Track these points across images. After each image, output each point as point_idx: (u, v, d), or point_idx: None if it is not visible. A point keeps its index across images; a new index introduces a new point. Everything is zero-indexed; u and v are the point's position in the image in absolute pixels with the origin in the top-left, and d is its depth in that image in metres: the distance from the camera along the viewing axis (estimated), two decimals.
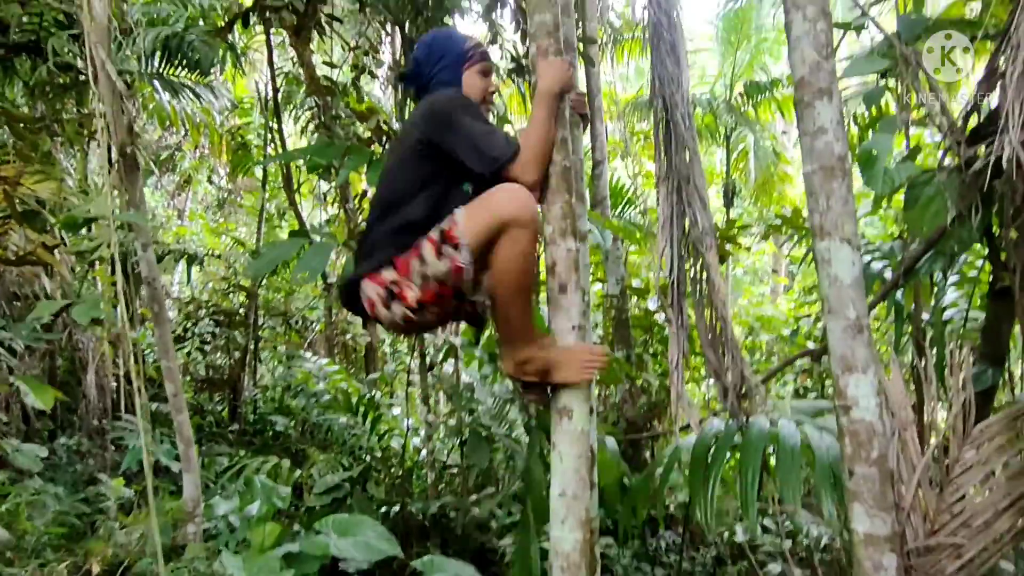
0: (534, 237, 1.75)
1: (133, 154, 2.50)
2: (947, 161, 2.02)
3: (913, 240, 2.28)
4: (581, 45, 4.75)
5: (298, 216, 5.05)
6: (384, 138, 4.47)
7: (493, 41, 4.92)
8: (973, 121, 2.05)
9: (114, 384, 5.47)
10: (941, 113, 2.05)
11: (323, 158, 3.50)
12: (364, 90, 5.48)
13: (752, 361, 7.64)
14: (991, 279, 2.14)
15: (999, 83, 1.64)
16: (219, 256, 6.33)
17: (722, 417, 2.50)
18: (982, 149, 1.91)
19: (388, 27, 4.76)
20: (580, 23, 4.86)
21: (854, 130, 4.18)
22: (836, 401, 1.89)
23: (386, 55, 5.13)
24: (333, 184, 4.46)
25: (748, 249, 5.21)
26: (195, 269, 6.28)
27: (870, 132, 3.12)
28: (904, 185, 2.01)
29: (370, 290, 1.85)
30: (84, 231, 3.63)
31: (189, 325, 5.76)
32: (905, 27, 2.64)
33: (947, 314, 2.54)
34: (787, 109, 7.98)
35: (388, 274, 1.82)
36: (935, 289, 2.39)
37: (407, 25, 3.88)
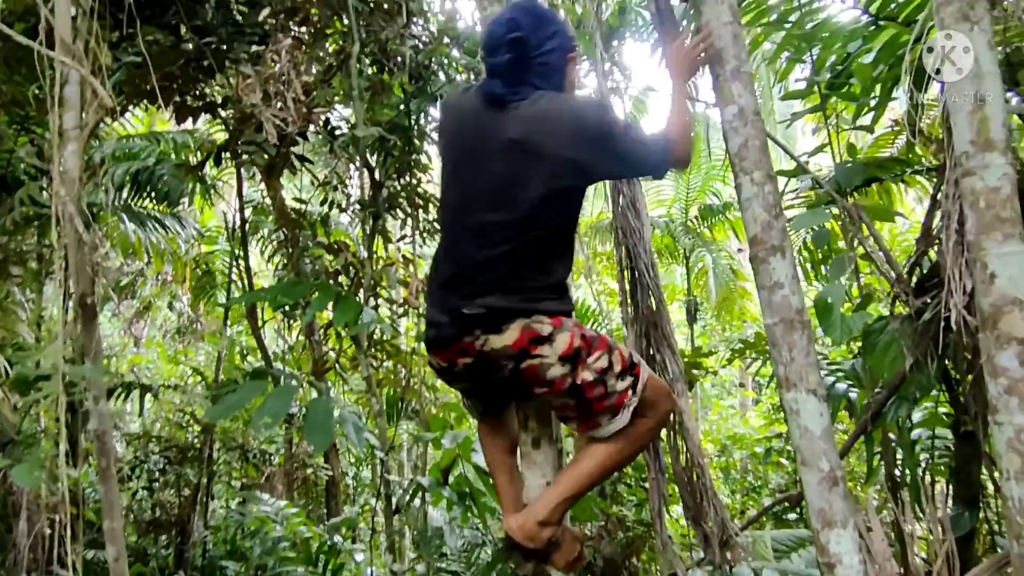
0: (655, 436, 1.87)
1: (93, 304, 2.44)
2: (899, 309, 2.12)
3: (876, 385, 2.35)
4: None
5: (262, 349, 4.96)
6: (352, 272, 4.51)
7: None
8: (922, 268, 2.16)
9: (48, 531, 5.04)
10: (886, 262, 2.16)
11: (289, 298, 3.49)
12: (333, 219, 5.60)
13: (727, 480, 7.52)
14: (954, 422, 2.19)
15: (936, 244, 1.74)
16: (175, 387, 6.10)
17: (704, 570, 2.40)
18: (930, 299, 2.00)
19: (357, 162, 4.95)
20: None
21: (804, 254, 4.39)
22: (819, 557, 1.84)
23: (354, 189, 5.29)
24: (299, 320, 4.43)
25: (715, 373, 5.27)
26: (149, 400, 6.02)
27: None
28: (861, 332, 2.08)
29: (541, 327, 1.65)
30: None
31: (138, 462, 5.44)
32: (843, 176, 2.85)
33: (921, 456, 2.57)
34: (740, 230, 8.42)
35: (574, 330, 1.68)
36: (902, 433, 2.43)
37: (375, 167, 4.03)
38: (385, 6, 4.54)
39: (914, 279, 2.16)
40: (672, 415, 1.84)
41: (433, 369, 1.91)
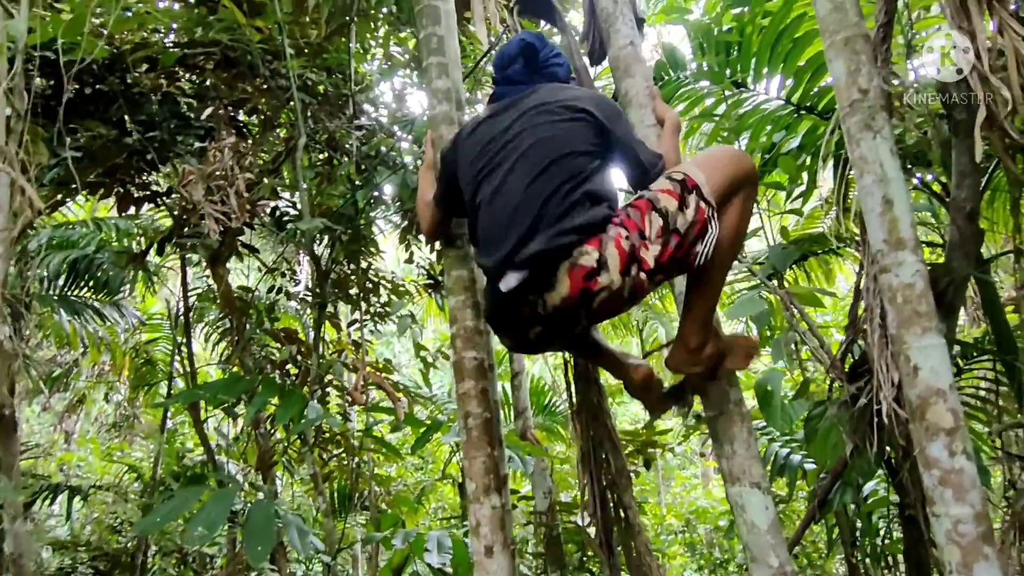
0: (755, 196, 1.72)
1: (12, 416, 2.30)
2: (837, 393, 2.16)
3: (821, 471, 2.37)
4: None
5: (204, 443, 4.72)
6: (300, 361, 4.39)
7: (409, 260, 5.16)
8: (853, 354, 2.23)
9: None
10: (821, 348, 2.22)
11: (230, 394, 3.36)
12: (282, 305, 5.50)
13: (694, 556, 7.38)
14: (899, 505, 2.22)
15: (863, 333, 1.80)
16: (108, 488, 5.72)
17: None
18: (864, 384, 2.05)
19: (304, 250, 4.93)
20: None
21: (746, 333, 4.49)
22: None
23: (303, 275, 5.24)
24: (242, 414, 4.26)
25: (672, 450, 5.27)
26: (78, 503, 5.61)
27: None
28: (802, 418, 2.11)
29: (586, 258, 1.55)
30: None
31: (63, 574, 5.00)
32: (777, 258, 2.96)
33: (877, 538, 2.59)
34: None
35: (617, 232, 1.56)
36: (849, 519, 2.45)
37: (321, 256, 4.01)
38: (333, 98, 4.65)
39: (849, 361, 2.22)
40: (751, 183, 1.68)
41: (507, 348, 1.88)
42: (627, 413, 10.51)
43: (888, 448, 2.02)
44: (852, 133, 1.72)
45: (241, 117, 5.08)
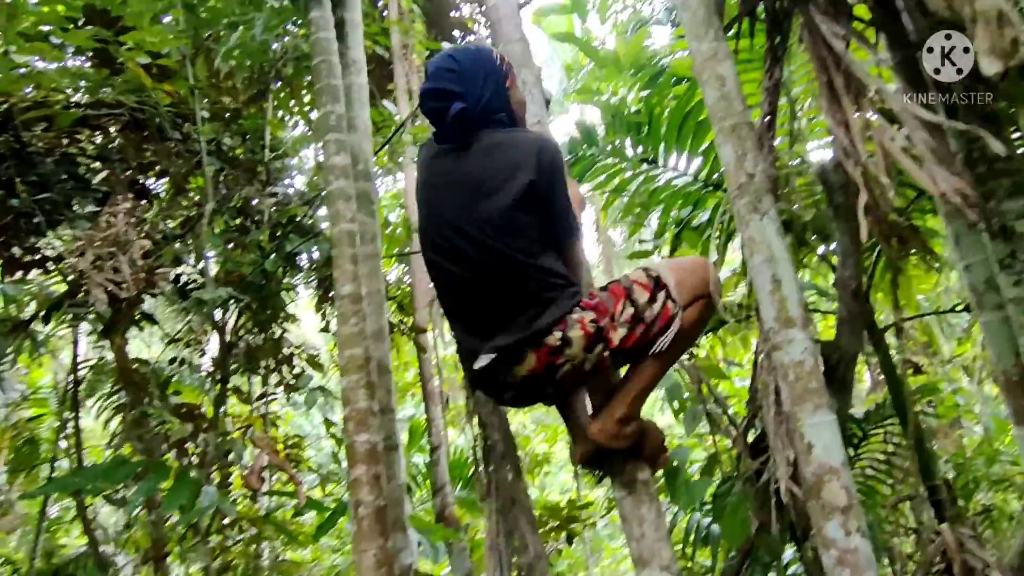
0: (711, 313, 1.78)
1: None
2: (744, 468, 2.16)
3: (731, 548, 2.35)
4: (412, 334, 4.95)
5: (88, 532, 4.26)
6: (201, 439, 4.09)
7: (324, 329, 4.97)
8: (756, 428, 2.25)
9: None
10: (729, 423, 2.22)
11: (115, 480, 3.06)
12: (184, 377, 5.15)
13: None
14: None
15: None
16: None
17: None
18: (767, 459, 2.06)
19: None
20: (412, 313, 5.12)
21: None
22: None
23: (210, 346, 4.95)
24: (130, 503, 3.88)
25: (594, 524, 5.15)
26: None
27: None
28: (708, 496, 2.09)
29: (551, 339, 1.66)
30: None
31: None
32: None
33: None
34: None
35: (582, 316, 1.68)
36: None
37: (226, 326, 3.80)
38: (248, 164, 4.55)
39: (752, 435, 2.23)
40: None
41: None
42: (555, 483, 10.32)
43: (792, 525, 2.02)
44: (741, 215, 1.78)
45: (149, 181, 4.89)
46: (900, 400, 2.81)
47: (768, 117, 1.96)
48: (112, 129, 4.56)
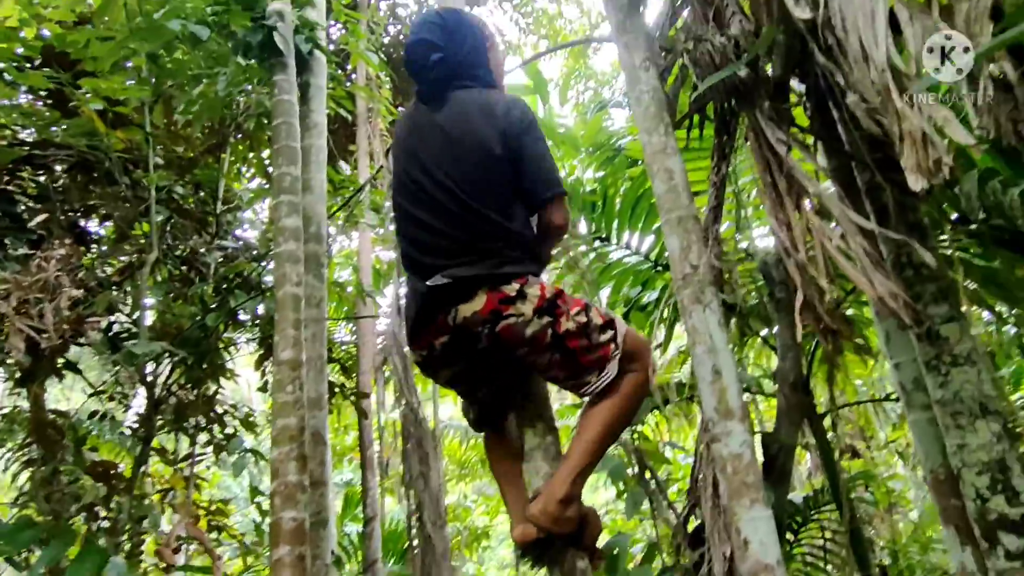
0: (645, 393, 1.76)
1: None
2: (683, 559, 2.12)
3: None
4: (354, 397, 4.81)
5: None
6: (115, 504, 3.80)
7: (263, 388, 4.79)
8: (696, 517, 2.22)
9: None
10: (668, 508, 2.19)
11: (15, 546, 2.79)
12: (104, 433, 4.84)
13: None
14: None
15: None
16: None
17: None
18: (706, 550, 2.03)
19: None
20: (355, 376, 4.99)
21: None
22: None
23: (136, 400, 4.69)
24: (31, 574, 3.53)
25: None
26: None
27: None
28: None
29: (508, 288, 1.67)
30: None
31: None
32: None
33: None
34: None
35: (542, 283, 1.70)
36: None
37: (158, 383, 3.62)
38: (198, 214, 4.45)
39: (692, 524, 2.21)
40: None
41: (418, 367, 1.88)
42: (495, 557, 9.96)
43: None
44: (685, 304, 1.82)
45: (92, 224, 4.72)
46: (837, 487, 2.84)
47: (714, 211, 2.04)
48: (58, 168, 4.43)
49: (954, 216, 3.08)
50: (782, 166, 1.84)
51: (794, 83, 2.18)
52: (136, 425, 3.89)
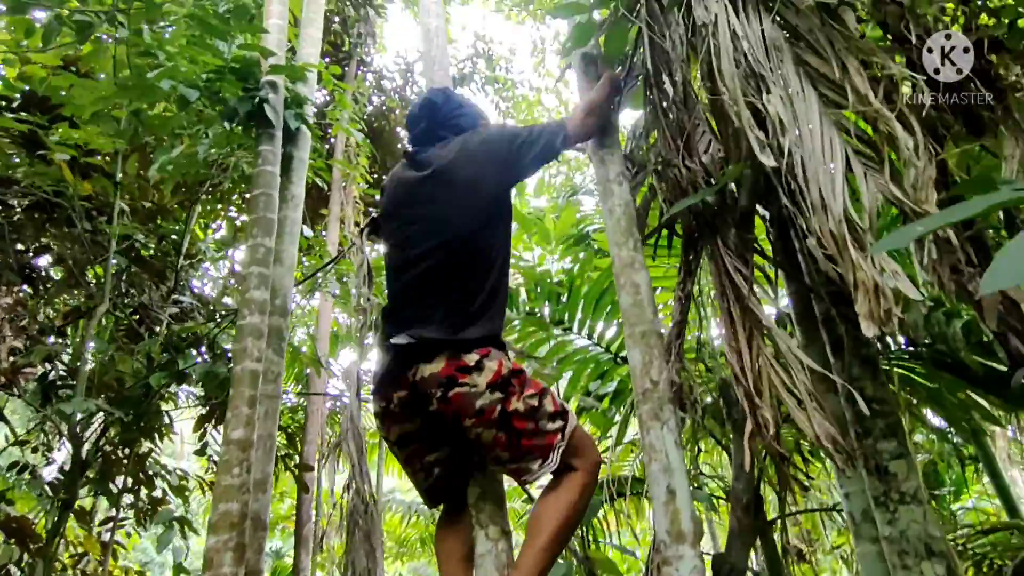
0: (591, 494, 1.75)
1: None
2: None
3: None
4: (298, 471, 4.62)
5: None
6: (25, 568, 3.50)
7: (200, 452, 4.57)
8: None
9: None
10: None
11: None
12: (21, 487, 4.50)
13: None
14: None
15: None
16: None
17: None
18: None
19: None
20: (302, 446, 4.81)
21: None
22: None
23: (60, 454, 4.41)
24: None
25: None
26: None
27: None
28: None
29: (468, 357, 1.72)
30: None
31: None
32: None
33: None
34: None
35: (502, 360, 1.74)
36: None
37: (87, 440, 3.42)
38: (158, 267, 4.35)
39: None
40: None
41: (376, 417, 1.91)
42: None
43: None
44: (643, 420, 1.83)
45: (43, 261, 4.56)
46: None
47: (678, 326, 2.09)
48: (14, 202, 4.31)
49: (902, 340, 3.23)
50: (739, 298, 1.90)
51: (760, 207, 2.30)
52: (58, 480, 3.63)
